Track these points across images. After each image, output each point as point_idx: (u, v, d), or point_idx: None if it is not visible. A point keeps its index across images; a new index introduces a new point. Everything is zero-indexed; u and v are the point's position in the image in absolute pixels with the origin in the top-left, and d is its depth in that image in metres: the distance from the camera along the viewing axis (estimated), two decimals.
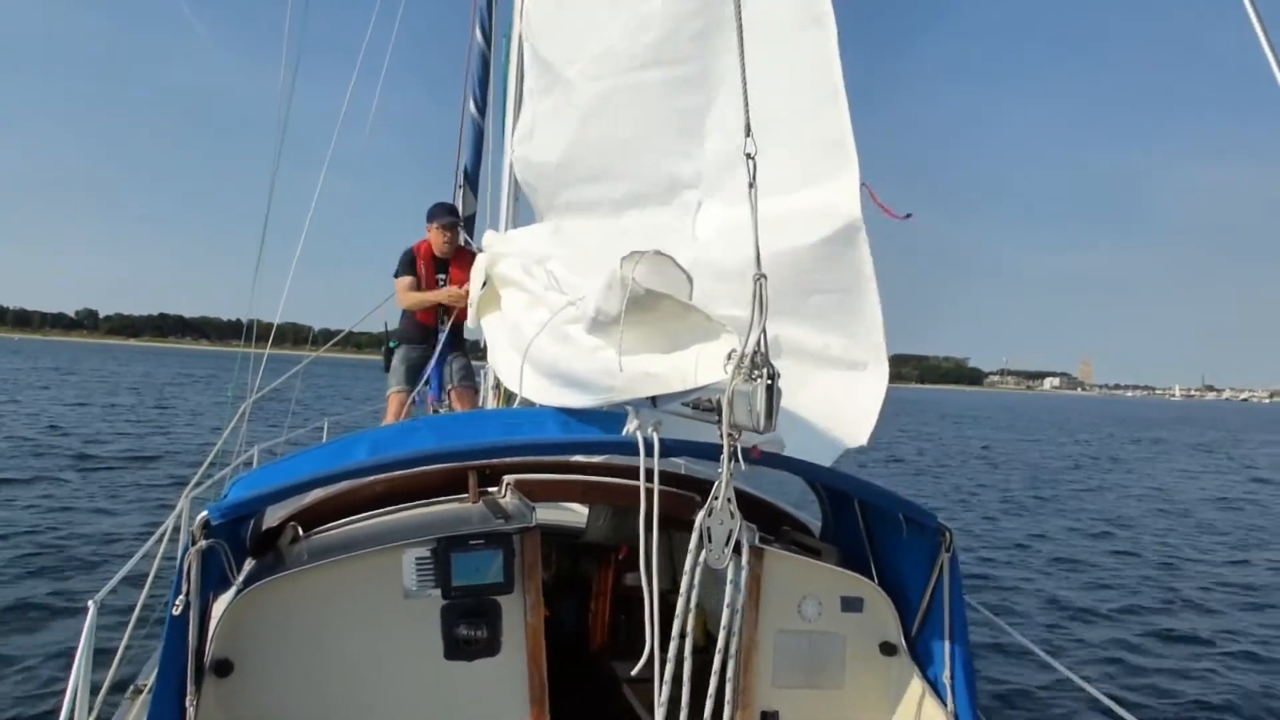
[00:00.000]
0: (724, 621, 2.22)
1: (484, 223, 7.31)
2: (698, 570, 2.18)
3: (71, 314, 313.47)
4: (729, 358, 2.16)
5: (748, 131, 2.21)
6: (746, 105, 2.24)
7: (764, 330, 2.06)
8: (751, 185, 2.20)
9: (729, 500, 2.15)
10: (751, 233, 2.19)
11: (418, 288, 6.76)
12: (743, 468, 2.18)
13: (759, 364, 2.07)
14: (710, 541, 2.16)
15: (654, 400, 2.70)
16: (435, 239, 6.76)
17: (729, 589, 2.21)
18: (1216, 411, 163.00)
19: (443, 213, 6.84)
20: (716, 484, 2.14)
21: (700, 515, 2.15)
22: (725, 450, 2.13)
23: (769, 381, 2.06)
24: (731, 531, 2.16)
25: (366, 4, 8.86)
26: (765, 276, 2.06)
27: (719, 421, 2.14)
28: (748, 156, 2.21)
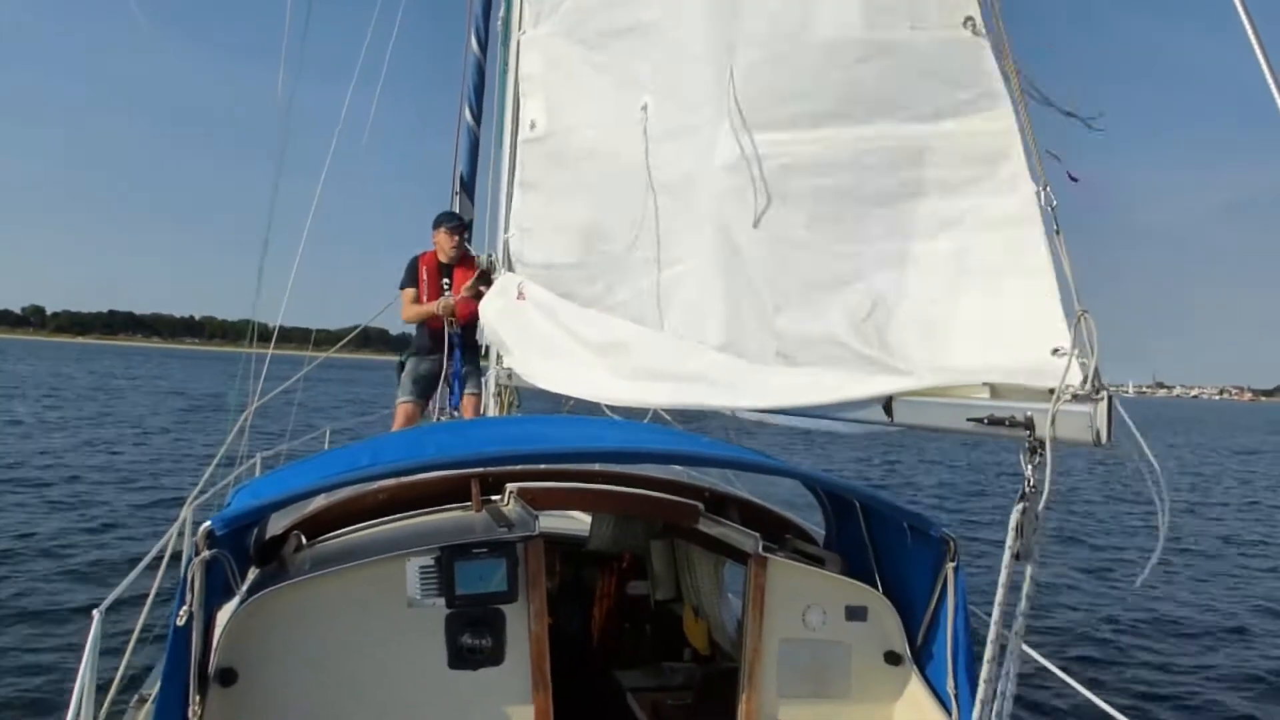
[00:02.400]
0: None
1: (483, 229, 7.35)
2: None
3: (18, 310, 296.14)
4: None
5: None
6: None
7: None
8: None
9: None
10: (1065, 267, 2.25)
11: (418, 299, 6.86)
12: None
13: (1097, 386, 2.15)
14: (1022, 536, 2.22)
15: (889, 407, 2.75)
16: (442, 243, 6.89)
17: None
18: (1175, 408, 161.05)
19: (449, 218, 7.02)
20: (1037, 482, 2.19)
21: (1018, 509, 2.21)
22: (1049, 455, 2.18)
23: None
24: (1038, 528, 2.23)
25: (363, 13, 8.86)
26: (1087, 311, 2.15)
27: (1026, 436, 2.20)
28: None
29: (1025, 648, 3.52)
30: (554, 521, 4.22)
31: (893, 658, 3.31)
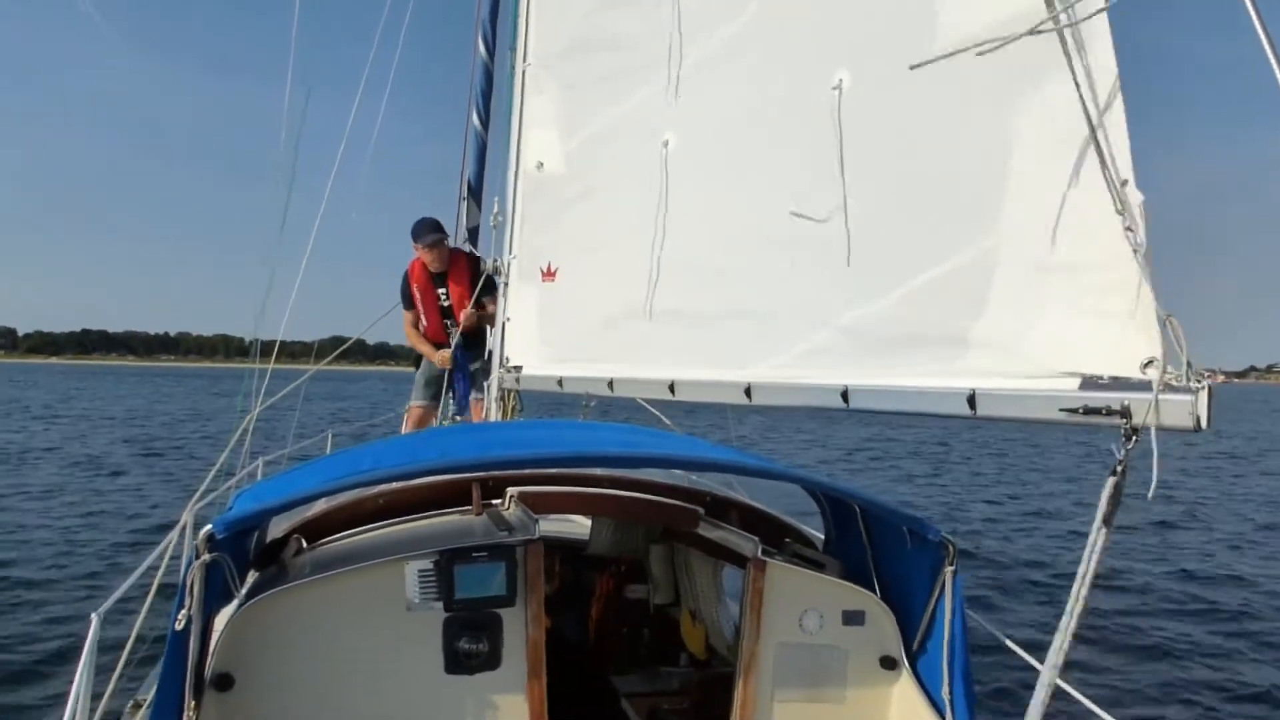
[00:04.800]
0: None
1: (488, 234, 7.33)
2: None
3: None
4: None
5: None
6: None
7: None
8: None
9: None
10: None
11: (416, 317, 7.07)
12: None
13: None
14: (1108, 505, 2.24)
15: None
16: (425, 258, 6.91)
17: None
18: None
19: (425, 231, 6.87)
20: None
21: (1112, 481, 2.23)
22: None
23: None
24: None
25: (369, 22, 8.83)
26: (1173, 315, 2.24)
27: (1123, 423, 2.28)
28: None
29: (1016, 646, 3.53)
30: (554, 525, 4.22)
31: (889, 662, 3.30)
